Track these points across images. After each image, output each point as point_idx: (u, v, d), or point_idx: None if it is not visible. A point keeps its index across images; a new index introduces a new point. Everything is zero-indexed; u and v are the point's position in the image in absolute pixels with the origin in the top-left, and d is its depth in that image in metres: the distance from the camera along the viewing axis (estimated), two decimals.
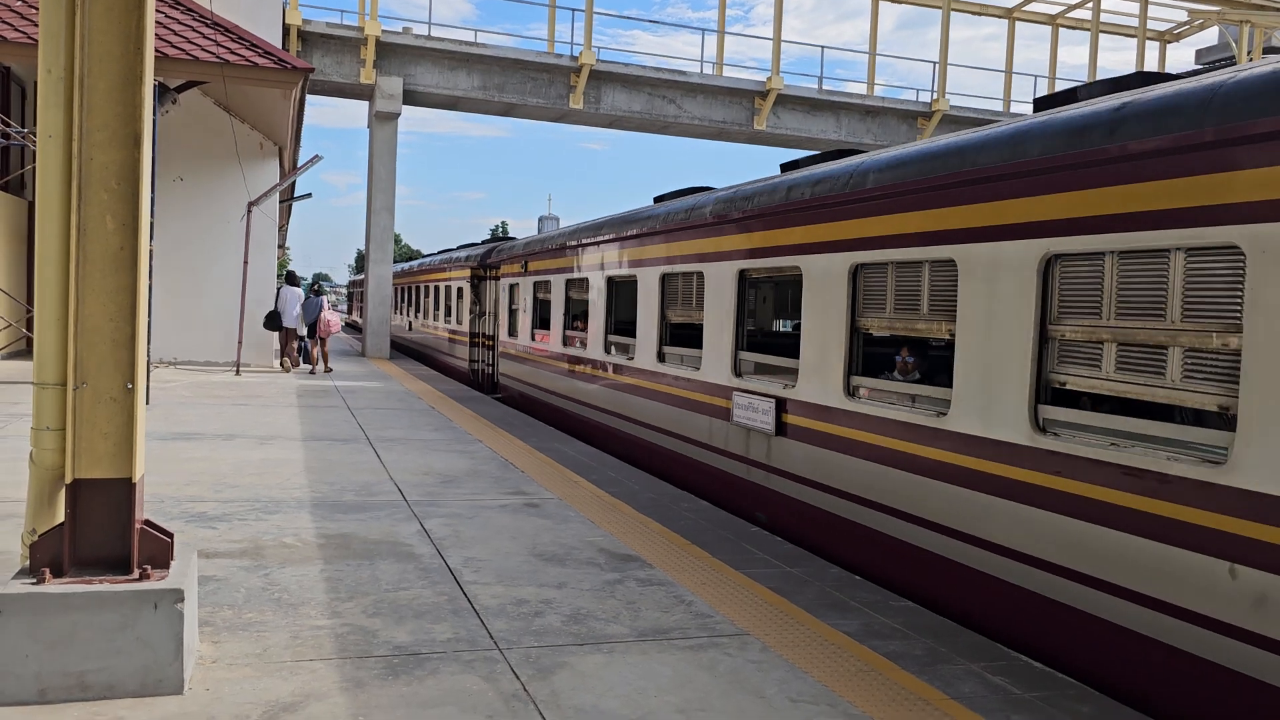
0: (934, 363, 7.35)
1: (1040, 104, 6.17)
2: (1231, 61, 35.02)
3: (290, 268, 21.07)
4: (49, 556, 3.98)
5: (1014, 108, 31.64)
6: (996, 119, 30.00)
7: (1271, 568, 4.05)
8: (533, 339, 15.78)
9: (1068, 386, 5.27)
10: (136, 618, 3.87)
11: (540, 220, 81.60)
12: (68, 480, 4.00)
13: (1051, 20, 32.11)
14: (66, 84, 3.99)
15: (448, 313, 24.09)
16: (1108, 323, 4.99)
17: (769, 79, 28.02)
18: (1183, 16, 31.80)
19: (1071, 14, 31.87)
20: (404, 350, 30.55)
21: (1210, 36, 35.24)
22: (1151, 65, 32.45)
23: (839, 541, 7.06)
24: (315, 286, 21.48)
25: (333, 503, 7.65)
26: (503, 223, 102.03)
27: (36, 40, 12.96)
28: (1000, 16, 31.75)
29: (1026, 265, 5.44)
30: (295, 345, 20.14)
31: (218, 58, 13.64)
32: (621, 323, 12.10)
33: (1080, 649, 4.97)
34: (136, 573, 4.00)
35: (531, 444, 11.16)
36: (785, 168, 9.11)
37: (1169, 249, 4.64)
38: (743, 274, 8.74)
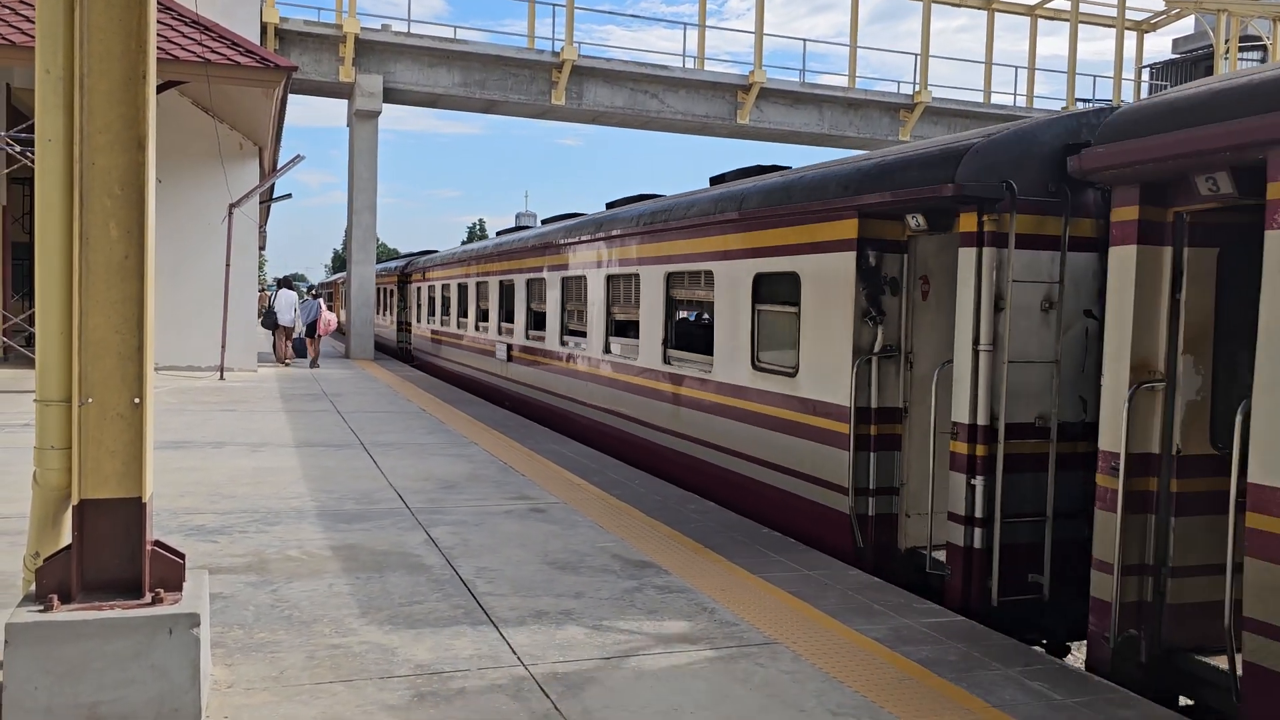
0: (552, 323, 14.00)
1: (713, 180, 10.73)
2: (1209, 50, 35.23)
3: (288, 273, 24.34)
4: (56, 581, 3.79)
5: (994, 99, 31.67)
6: (979, 108, 30.02)
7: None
8: (426, 323, 23.98)
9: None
10: (151, 645, 3.69)
11: (518, 216, 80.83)
12: (74, 501, 3.82)
13: (1030, 11, 32.13)
14: (66, 85, 3.79)
15: (386, 308, 31.94)
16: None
17: (751, 72, 27.85)
18: (1160, 6, 31.90)
19: (1050, 4, 31.92)
20: None
21: (1187, 26, 35.43)
22: (1130, 55, 32.60)
23: (529, 409, 14.40)
24: (313, 290, 24.33)
25: (334, 512, 7.46)
26: (480, 220, 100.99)
27: (10, 41, 12.68)
28: (979, 8, 31.74)
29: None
30: (290, 343, 22.39)
31: (200, 57, 13.33)
32: (463, 311, 19.82)
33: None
34: (149, 597, 3.82)
35: (529, 446, 10.99)
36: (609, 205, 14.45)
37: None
38: (502, 282, 16.29)
